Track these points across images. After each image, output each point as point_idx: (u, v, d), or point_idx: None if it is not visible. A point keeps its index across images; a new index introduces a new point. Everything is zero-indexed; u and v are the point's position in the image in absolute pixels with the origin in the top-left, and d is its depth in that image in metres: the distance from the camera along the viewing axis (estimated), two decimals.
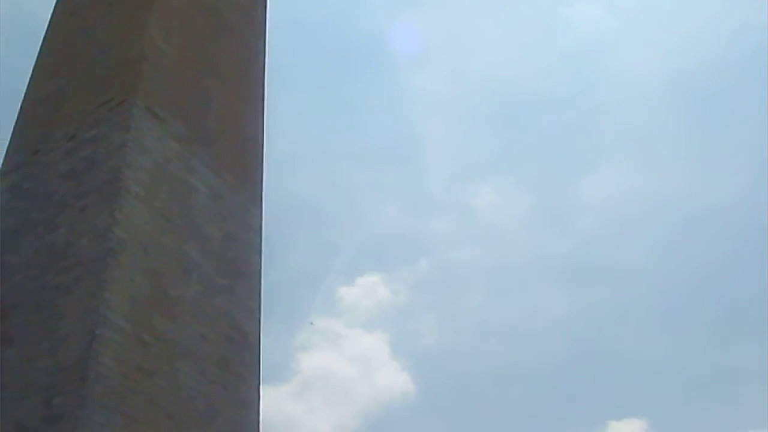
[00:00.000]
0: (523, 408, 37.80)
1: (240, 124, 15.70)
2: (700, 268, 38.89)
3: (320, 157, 40.60)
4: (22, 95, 15.26)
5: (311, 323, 36.19)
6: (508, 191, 41.72)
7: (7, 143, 14.48)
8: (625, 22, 42.66)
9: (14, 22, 30.60)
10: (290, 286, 37.20)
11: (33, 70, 15.62)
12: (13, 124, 14.81)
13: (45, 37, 16.27)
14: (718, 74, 39.56)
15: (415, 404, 38.27)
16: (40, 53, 15.88)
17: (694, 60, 40.24)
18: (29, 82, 15.42)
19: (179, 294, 12.56)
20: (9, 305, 12.07)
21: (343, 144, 40.98)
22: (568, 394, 38.09)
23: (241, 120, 15.78)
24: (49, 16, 16.66)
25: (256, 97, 16.61)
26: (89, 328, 11.02)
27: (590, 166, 41.84)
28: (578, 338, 39.65)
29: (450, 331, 41.15)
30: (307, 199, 39.72)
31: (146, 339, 11.66)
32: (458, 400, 38.89)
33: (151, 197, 12.74)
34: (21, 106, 15.03)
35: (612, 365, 38.50)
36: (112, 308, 11.32)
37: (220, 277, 13.49)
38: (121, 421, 10.69)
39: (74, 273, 11.70)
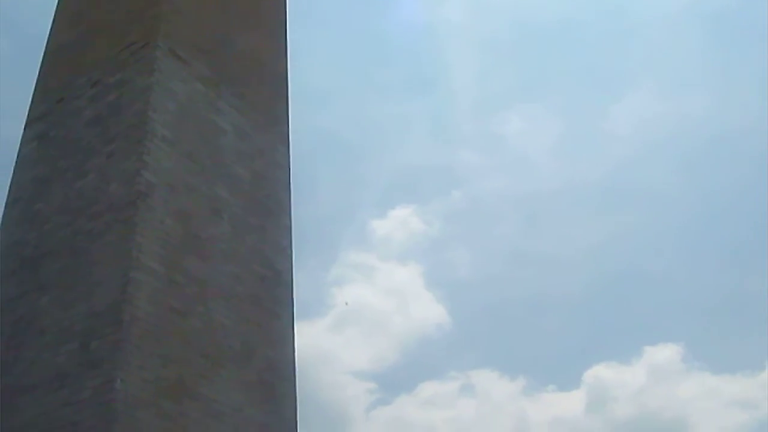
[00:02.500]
0: (558, 336, 37.93)
1: (264, 62, 15.61)
2: (728, 189, 38.60)
3: (347, 91, 40.42)
4: (44, 43, 15.21)
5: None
6: (536, 119, 41.40)
7: (32, 92, 14.48)
8: None
9: None
10: (322, 222, 37.33)
11: (54, 17, 15.56)
12: (37, 72, 14.78)
13: None
14: None
15: (450, 335, 38.45)
16: (60, 0, 15.81)
17: None
18: (51, 30, 15.39)
19: (210, 234, 12.63)
20: (42, 253, 12.21)
21: (370, 77, 40.73)
22: (603, 321, 38.17)
23: (265, 58, 15.68)
24: None
25: (279, 34, 16.48)
26: (122, 272, 11.13)
27: (616, 91, 41.41)
28: (611, 265, 39.59)
29: (483, 262, 41.20)
30: (336, 134, 39.67)
31: (179, 280, 11.76)
32: (493, 330, 39.13)
33: (178, 139, 12.76)
34: (43, 54, 15.03)
35: (645, 291, 38.43)
36: (144, 251, 11.42)
37: (250, 216, 13.54)
38: (157, 363, 10.84)
39: (105, 218, 11.79)
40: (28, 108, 14.34)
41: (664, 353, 36.36)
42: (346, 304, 36.30)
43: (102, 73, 13.49)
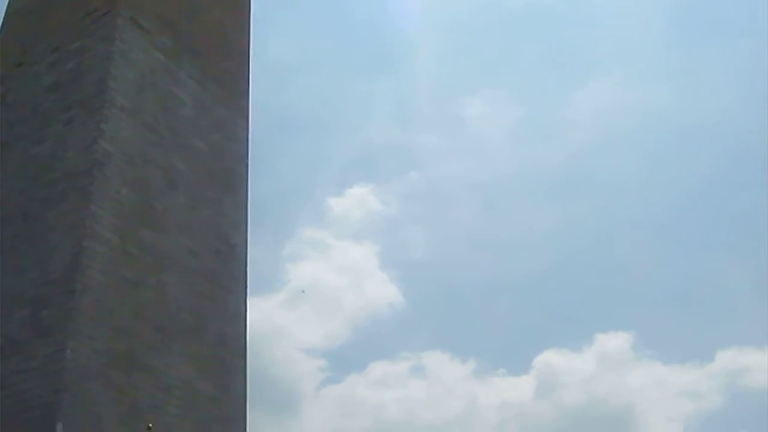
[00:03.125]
0: (511, 320, 38.20)
1: (227, 36, 15.54)
2: (688, 182, 39.03)
3: (309, 68, 40.27)
4: (4, 7, 15.04)
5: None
6: (498, 104, 41.50)
7: None
8: None
9: None
10: (279, 198, 37.22)
11: None
12: None
13: None
14: None
15: (403, 315, 38.55)
16: None
17: None
18: None
19: (166, 206, 12.58)
20: None
21: (333, 55, 40.66)
22: (556, 307, 38.42)
23: (228, 31, 15.61)
24: None
25: (243, 8, 16.43)
26: (76, 241, 11.07)
27: (579, 79, 41.68)
28: (566, 252, 39.85)
29: (439, 244, 41.31)
30: (296, 111, 39.54)
31: (133, 251, 11.72)
32: (446, 312, 39.22)
33: (137, 109, 12.68)
34: (3, 18, 14.85)
35: (599, 279, 38.76)
36: (99, 221, 11.36)
37: (207, 189, 13.51)
38: (108, 333, 10.81)
39: (61, 186, 11.71)
40: None
41: (615, 341, 36.72)
42: (303, 292, 36.21)
43: (62, 39, 13.36)
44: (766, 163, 38.04)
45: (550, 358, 37.03)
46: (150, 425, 10.80)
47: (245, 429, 12.50)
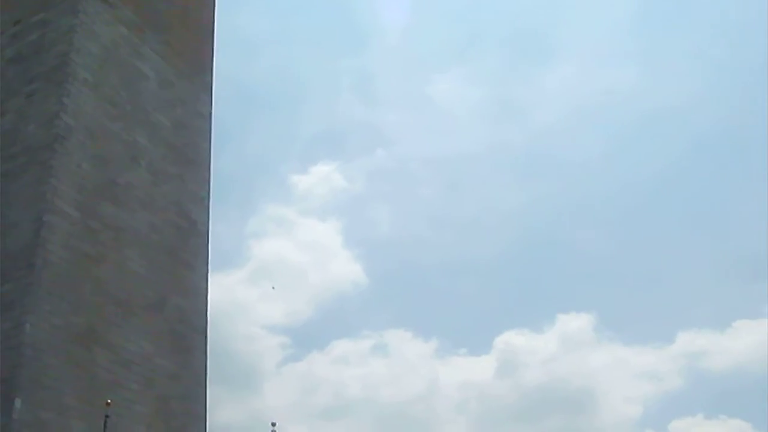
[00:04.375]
0: (473, 300, 38.34)
1: (192, 10, 15.45)
2: (652, 164, 39.25)
3: (276, 44, 40.13)
4: None
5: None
6: (464, 83, 41.55)
7: None
8: None
9: None
10: (244, 174, 37.15)
11: None
12: None
13: None
14: None
15: (366, 293, 38.62)
16: None
17: None
18: None
19: (127, 181, 12.56)
20: None
21: (301, 31, 40.44)
22: (519, 287, 38.67)
23: (193, 6, 15.52)
24: None
25: None
26: (37, 215, 11.04)
27: (546, 60, 41.77)
28: (530, 232, 40.07)
29: (403, 222, 41.40)
30: (262, 87, 39.42)
31: (94, 226, 11.70)
32: (409, 291, 39.37)
33: (100, 83, 12.62)
34: None
35: (563, 260, 39.00)
36: (60, 195, 11.33)
37: (169, 164, 13.49)
38: (68, 309, 10.82)
39: (21, 160, 11.65)
40: None
41: (577, 322, 36.91)
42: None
43: (25, 11, 13.23)
44: (729, 147, 38.51)
45: (512, 339, 37.21)
46: (108, 401, 10.79)
47: (205, 405, 12.56)
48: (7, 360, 9.99)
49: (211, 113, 14.87)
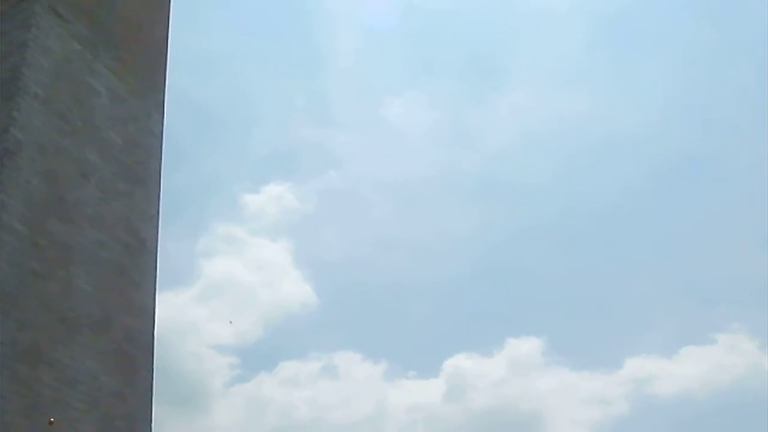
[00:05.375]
0: (423, 323, 38.51)
1: (145, 28, 15.38)
2: (603, 191, 39.73)
3: (229, 62, 40.02)
4: None
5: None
6: (417, 106, 41.77)
7: None
8: None
9: None
10: (195, 193, 36.99)
11: None
12: None
13: None
14: None
15: (315, 315, 38.59)
16: None
17: None
18: None
19: (76, 198, 12.44)
20: None
21: (254, 51, 40.43)
22: (469, 311, 38.87)
23: (146, 23, 15.45)
24: None
25: (162, 0, 16.27)
26: None
27: (499, 84, 42.14)
28: (481, 256, 40.32)
29: (354, 244, 41.47)
30: (214, 105, 39.32)
31: (41, 242, 11.56)
32: (359, 313, 39.44)
33: (51, 98, 12.50)
34: None
35: (513, 284, 39.38)
36: (7, 210, 11.18)
37: (119, 182, 13.37)
38: (13, 326, 10.66)
39: None
40: None
41: (526, 346, 37.24)
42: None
43: None
44: (682, 177, 39.04)
45: (461, 362, 37.41)
46: (52, 419, 10.66)
47: (150, 425, 12.43)
48: None
49: (162, 131, 14.78)
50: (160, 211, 14.20)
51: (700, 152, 38.53)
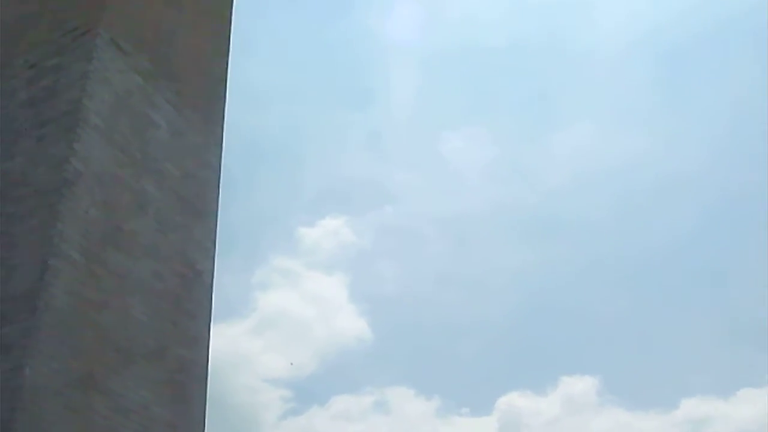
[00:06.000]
0: (477, 360, 38.28)
1: (205, 61, 15.58)
2: (660, 231, 39.30)
3: (286, 95, 40.41)
4: None
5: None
6: (474, 141, 41.76)
7: None
8: None
9: None
10: (251, 226, 37.25)
11: None
12: None
13: None
14: (693, 32, 39.58)
15: (370, 349, 38.58)
16: None
17: (662, 17, 40.27)
18: None
19: (133, 228, 12.55)
20: None
21: (311, 84, 40.74)
22: (522, 348, 38.63)
23: (205, 56, 15.65)
24: None
25: (222, 34, 16.48)
26: (41, 258, 11.00)
27: (558, 121, 41.97)
28: (536, 293, 40.08)
29: (409, 279, 41.42)
30: (271, 138, 39.65)
31: (98, 272, 11.66)
32: (413, 348, 39.32)
33: (111, 130, 12.67)
34: None
35: (568, 322, 38.96)
36: (66, 239, 11.30)
37: (176, 214, 13.48)
38: (68, 353, 10.73)
39: (29, 203, 11.65)
40: None
41: (580, 385, 36.89)
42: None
43: (40, 55, 13.33)
44: (739, 216, 38.54)
45: (514, 400, 37.13)
46: None
47: None
48: (5, 402, 9.89)
49: (220, 165, 14.91)
50: (217, 243, 14.28)
51: (752, 192, 38.00)
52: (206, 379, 12.98)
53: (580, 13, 40.64)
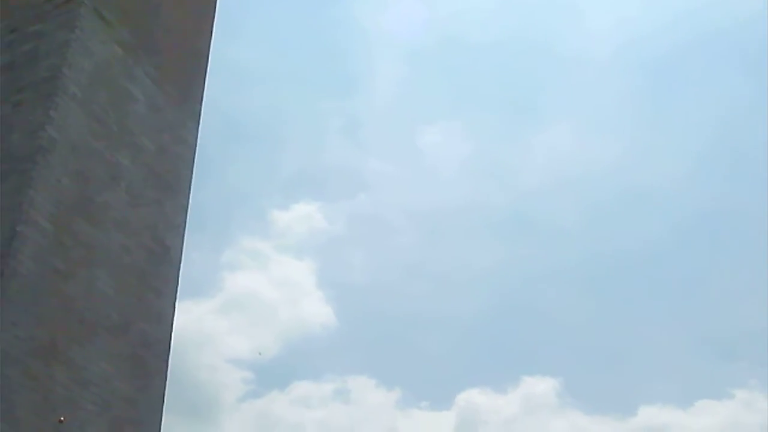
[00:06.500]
0: (440, 354, 38.27)
1: (187, 38, 15.50)
2: (630, 239, 39.52)
3: (268, 78, 40.19)
4: None
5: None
6: (452, 136, 41.74)
7: None
8: None
9: None
10: (223, 204, 37.11)
11: None
12: None
13: None
14: (678, 43, 39.74)
15: (334, 337, 38.49)
16: None
17: (650, 26, 40.43)
18: None
19: (105, 201, 12.50)
20: None
21: (294, 68, 40.55)
22: (486, 346, 38.69)
23: (189, 33, 15.57)
24: None
25: (207, 11, 16.40)
26: (10, 225, 10.94)
27: (536, 122, 42.06)
28: (503, 291, 40.17)
29: (378, 269, 41.38)
30: (249, 119, 39.44)
31: (66, 242, 11.61)
32: (377, 338, 39.30)
33: (88, 100, 12.60)
34: None
35: (532, 322, 39.06)
36: (36, 207, 11.25)
37: (148, 188, 13.43)
38: (32, 321, 10.70)
39: (1, 168, 11.57)
40: None
41: (541, 386, 36.99)
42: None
43: (22, 21, 13.23)
44: (708, 230, 38.86)
45: (474, 396, 37.18)
46: (62, 418, 10.67)
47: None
48: None
49: (196, 142, 14.84)
50: (188, 220, 14.24)
51: (724, 207, 38.37)
52: (168, 355, 12.97)
53: (570, 16, 40.67)
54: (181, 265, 13.77)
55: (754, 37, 35.20)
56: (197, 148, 14.86)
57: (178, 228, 13.91)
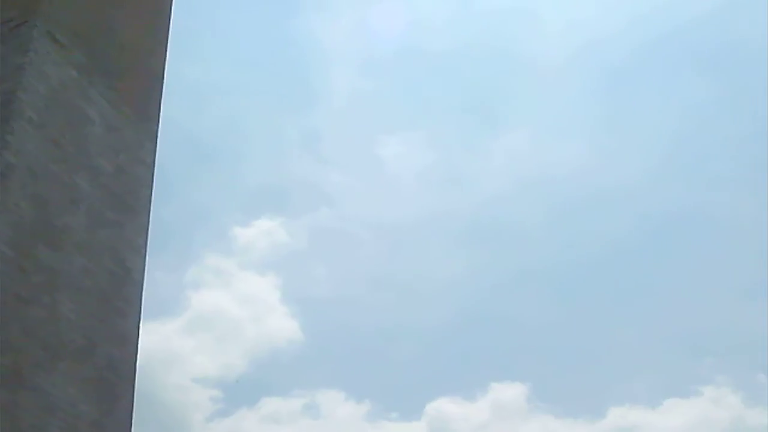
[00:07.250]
0: (407, 364, 38.38)
1: (142, 57, 15.45)
2: (594, 242, 39.82)
3: (224, 95, 40.12)
4: None
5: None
6: (412, 147, 41.86)
7: None
8: None
9: None
10: (185, 223, 37.00)
11: None
12: None
13: None
14: (636, 45, 40.03)
15: (300, 351, 38.49)
16: None
17: (606, 28, 40.73)
18: None
19: (65, 224, 12.42)
20: None
21: (251, 84, 40.49)
22: (453, 354, 38.83)
23: (143, 52, 15.52)
24: None
25: (161, 29, 16.35)
26: None
27: (500, 128, 42.23)
28: (468, 299, 40.33)
29: (342, 282, 41.45)
30: (207, 136, 39.35)
31: (27, 267, 11.52)
32: (344, 352, 39.36)
33: (45, 123, 12.53)
34: None
35: (499, 329, 39.34)
36: None
37: (108, 210, 13.36)
38: None
39: None
40: None
41: (510, 392, 37.19)
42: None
43: None
44: (672, 231, 39.23)
45: (443, 405, 37.28)
46: None
47: None
48: None
49: (154, 161, 14.78)
50: (149, 240, 14.17)
51: (690, 207, 38.77)
52: (134, 377, 12.89)
53: (525, 21, 40.91)
54: (144, 285, 13.70)
55: (710, 36, 35.70)
56: (156, 167, 14.80)
57: (139, 249, 13.84)
